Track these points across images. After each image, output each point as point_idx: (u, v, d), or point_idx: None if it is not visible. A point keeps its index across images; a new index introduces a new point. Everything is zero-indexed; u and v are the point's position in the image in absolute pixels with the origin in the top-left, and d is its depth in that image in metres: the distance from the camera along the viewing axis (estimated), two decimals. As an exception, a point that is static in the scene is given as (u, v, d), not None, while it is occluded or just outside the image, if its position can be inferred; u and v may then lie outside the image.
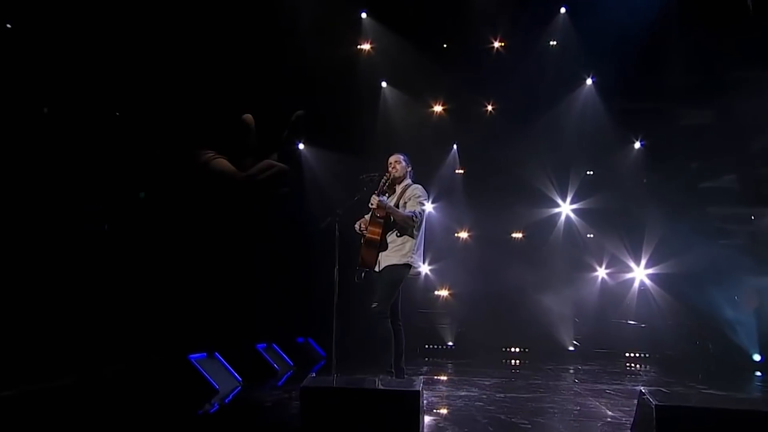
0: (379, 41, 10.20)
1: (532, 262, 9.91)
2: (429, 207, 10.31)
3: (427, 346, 9.49)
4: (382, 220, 5.49)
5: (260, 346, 6.75)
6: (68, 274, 5.89)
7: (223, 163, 9.57)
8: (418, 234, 5.63)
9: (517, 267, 9.77)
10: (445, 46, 10.10)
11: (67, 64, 7.17)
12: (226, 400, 5.21)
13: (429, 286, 10.12)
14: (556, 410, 5.19)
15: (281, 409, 4.96)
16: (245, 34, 9.20)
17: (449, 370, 7.87)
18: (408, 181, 5.80)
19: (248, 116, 9.84)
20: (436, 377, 7.03)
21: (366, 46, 10.17)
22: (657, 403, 4.18)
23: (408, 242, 5.56)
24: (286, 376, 6.71)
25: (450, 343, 9.56)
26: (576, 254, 10.11)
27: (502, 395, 5.80)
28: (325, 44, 9.52)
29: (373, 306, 5.36)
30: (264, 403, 5.11)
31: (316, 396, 3.86)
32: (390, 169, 5.71)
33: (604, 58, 9.66)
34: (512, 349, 9.46)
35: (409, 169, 5.84)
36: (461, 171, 10.41)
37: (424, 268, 10.13)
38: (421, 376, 4.98)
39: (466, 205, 10.16)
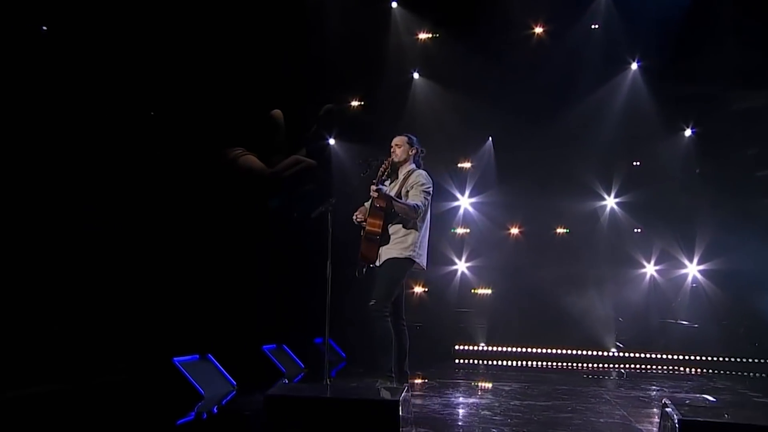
0: (410, 31, 9.87)
1: (576, 259, 9.42)
2: (465, 202, 9.94)
3: (457, 347, 9.10)
4: (382, 211, 5.14)
5: (268, 347, 6.50)
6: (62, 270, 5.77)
7: (251, 159, 9.42)
8: (422, 226, 5.26)
9: (559, 264, 9.32)
10: (480, 34, 9.67)
11: (100, 64, 7.11)
12: (205, 407, 4.94)
13: (466, 283, 9.73)
14: (573, 421, 4.74)
15: (257, 420, 4.53)
16: (272, 28, 9.02)
17: (471, 373, 7.49)
18: (411, 166, 5.38)
19: (277, 112, 9.67)
20: (451, 381, 6.65)
21: (397, 37, 9.84)
22: (681, 417, 3.69)
23: (410, 235, 5.19)
24: (296, 380, 6.45)
25: (482, 344, 9.15)
26: (622, 250, 9.56)
27: (517, 402, 5.39)
28: (354, 36, 9.25)
29: (371, 303, 5.01)
30: (244, 411, 4.82)
31: (281, 405, 3.55)
32: (390, 152, 5.35)
33: (650, 40, 9.13)
34: (548, 350, 8.97)
35: (413, 152, 5.41)
36: (469, 165, 10.00)
37: (461, 266, 9.77)
38: (406, 384, 4.59)
39: (505, 200, 9.72)
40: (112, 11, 7.15)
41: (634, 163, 9.82)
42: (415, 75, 9.93)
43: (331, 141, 9.81)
